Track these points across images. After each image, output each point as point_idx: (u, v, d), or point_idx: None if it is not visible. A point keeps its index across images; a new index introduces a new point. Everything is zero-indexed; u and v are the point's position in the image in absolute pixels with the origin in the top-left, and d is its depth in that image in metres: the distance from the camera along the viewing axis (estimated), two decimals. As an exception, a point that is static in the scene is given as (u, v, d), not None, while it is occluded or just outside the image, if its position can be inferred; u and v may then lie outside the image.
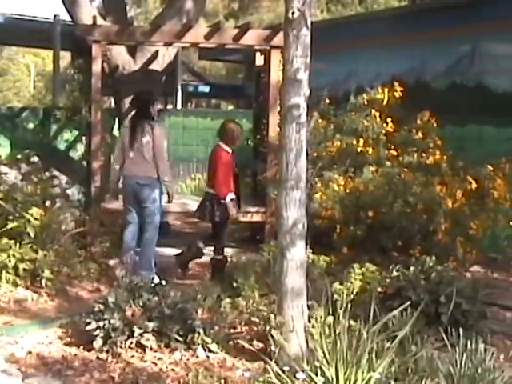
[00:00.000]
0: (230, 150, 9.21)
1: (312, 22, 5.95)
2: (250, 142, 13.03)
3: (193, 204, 10.81)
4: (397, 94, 11.20)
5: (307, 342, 5.74)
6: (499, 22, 11.91)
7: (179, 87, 21.74)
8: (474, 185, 9.89)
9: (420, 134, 10.73)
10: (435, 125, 10.93)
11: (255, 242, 10.47)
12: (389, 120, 10.78)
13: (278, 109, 10.05)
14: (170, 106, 22.75)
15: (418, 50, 13.18)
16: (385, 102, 11.13)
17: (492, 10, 12.01)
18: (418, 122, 10.93)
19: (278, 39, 10.21)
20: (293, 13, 5.79)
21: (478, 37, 12.34)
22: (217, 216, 9.07)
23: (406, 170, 10.05)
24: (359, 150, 10.65)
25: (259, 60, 11.80)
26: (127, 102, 12.28)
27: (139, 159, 9.07)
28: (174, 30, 10.87)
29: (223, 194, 9.01)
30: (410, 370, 5.42)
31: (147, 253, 9.11)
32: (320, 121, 11.16)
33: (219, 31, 10.79)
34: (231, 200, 9.06)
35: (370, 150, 10.67)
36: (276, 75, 10.63)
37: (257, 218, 10.89)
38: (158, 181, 9.06)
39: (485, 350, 5.40)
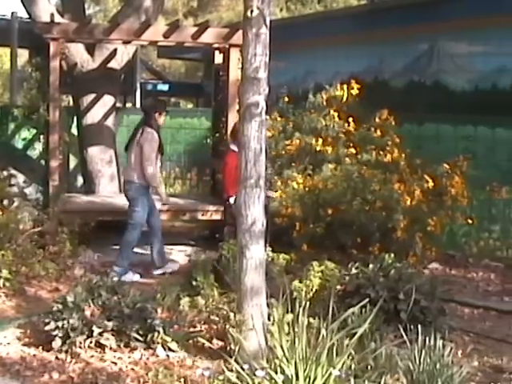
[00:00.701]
0: None
1: (271, 21, 5.96)
2: (208, 141, 13.00)
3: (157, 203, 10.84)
4: (354, 92, 11.25)
5: (266, 340, 5.74)
6: (456, 21, 12.03)
7: (138, 85, 21.63)
8: (431, 183, 9.97)
9: (378, 132, 10.79)
10: (393, 123, 11.01)
11: (214, 240, 10.45)
12: (347, 118, 10.81)
13: (237, 107, 10.04)
14: (128, 105, 22.63)
15: (377, 49, 13.26)
16: (344, 100, 11.18)
17: (449, 9, 12.12)
18: (377, 120, 11.00)
19: (237, 37, 10.19)
20: (252, 11, 5.79)
21: (435, 36, 12.45)
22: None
23: (364, 167, 10.10)
24: (318, 148, 10.68)
25: (218, 58, 11.78)
26: (86, 100, 12.23)
27: (128, 164, 9.58)
28: (132, 28, 10.83)
29: (229, 194, 9.30)
30: (369, 366, 5.45)
31: (123, 252, 9.39)
32: (279, 119, 11.19)
33: (178, 29, 10.76)
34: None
35: (329, 149, 10.71)
36: (235, 73, 10.62)
37: (216, 216, 10.88)
38: (140, 185, 9.35)
39: (443, 345, 5.44)
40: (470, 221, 10.96)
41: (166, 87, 25.18)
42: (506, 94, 11.62)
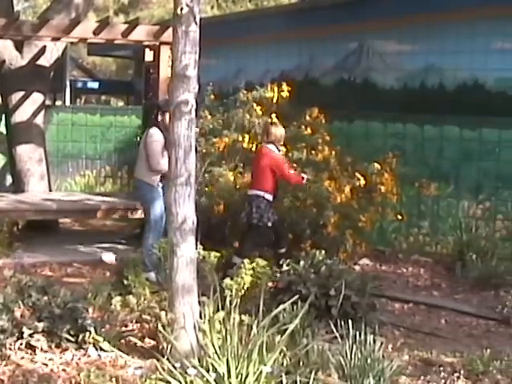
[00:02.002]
0: (277, 151, 9.22)
1: (202, 18, 5.95)
2: (139, 139, 12.93)
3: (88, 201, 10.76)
4: (285, 91, 11.29)
5: (198, 338, 5.74)
6: (385, 19, 12.14)
7: (68, 83, 21.38)
8: (362, 181, 10.08)
9: (309, 130, 10.85)
10: (324, 121, 11.08)
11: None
12: (275, 116, 10.83)
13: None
14: (58, 103, 22.36)
15: (307, 47, 13.32)
16: (274, 99, 11.20)
17: (378, 8, 12.23)
18: (307, 118, 11.05)
19: (168, 35, 10.16)
20: (181, 9, 5.77)
21: (365, 34, 12.55)
22: (267, 218, 8.94)
23: (295, 165, 10.15)
24: (248, 146, 10.69)
25: (149, 56, 11.73)
26: (14, 97, 12.05)
27: (136, 163, 9.43)
28: (62, 25, 10.71)
29: (272, 195, 9.02)
30: (301, 362, 5.48)
31: (144, 251, 9.04)
32: (209, 117, 11.17)
33: (108, 26, 10.69)
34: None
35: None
36: (165, 71, 10.59)
37: (148, 214, 10.81)
38: (147, 183, 9.13)
39: (374, 340, 5.50)
40: (399, 217, 11.12)
41: (96, 85, 24.95)
42: (434, 92, 11.78)
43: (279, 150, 9.29)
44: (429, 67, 11.86)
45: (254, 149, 10.60)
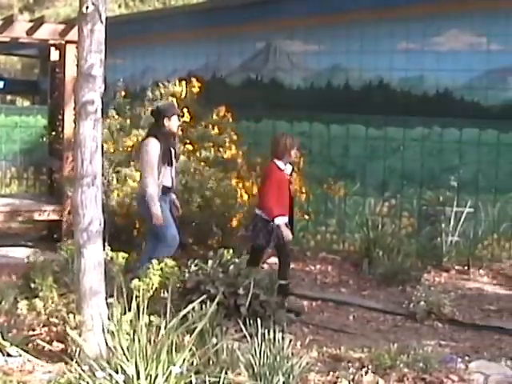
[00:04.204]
0: (283, 166, 8.42)
1: (108, 17, 5.89)
2: (45, 139, 12.74)
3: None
4: (195, 87, 11.28)
5: (106, 340, 5.68)
6: (291, 19, 12.23)
7: (-29, 82, 20.94)
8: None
9: (216, 129, 10.86)
10: (231, 120, 11.11)
11: (53, 240, 10.25)
12: (185, 114, 10.81)
13: (74, 105, 9.88)
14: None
15: (215, 46, 13.31)
16: (182, 97, 11.18)
17: (285, 8, 12.31)
18: (215, 117, 11.06)
19: (74, 34, 10.02)
20: (87, 7, 5.71)
21: (272, 34, 12.62)
22: (271, 240, 8.27)
23: (203, 164, 10.15)
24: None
25: (55, 55, 11.55)
26: None
27: None
28: (-37, 23, 10.47)
29: (272, 215, 8.22)
30: (211, 361, 5.48)
31: (141, 262, 8.39)
32: (116, 117, 11.08)
33: (12, 24, 10.48)
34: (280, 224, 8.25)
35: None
36: (71, 70, 10.44)
37: (54, 216, 10.68)
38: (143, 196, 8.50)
39: (283, 338, 5.53)
40: (307, 215, 11.23)
41: (0, 84, 24.47)
42: (340, 91, 11.92)
43: (288, 165, 8.53)
44: (335, 67, 12.01)
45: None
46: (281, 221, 8.23)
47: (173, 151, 8.62)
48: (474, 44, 11.20)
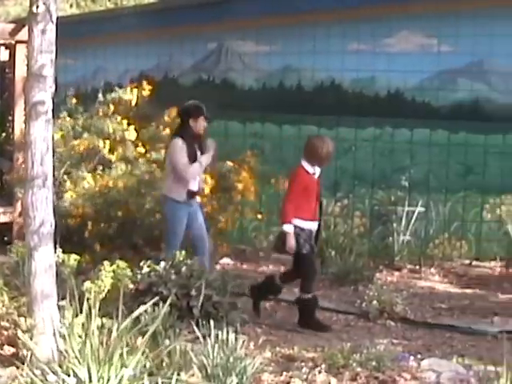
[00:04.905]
0: (311, 170, 8.04)
1: (59, 17, 5.84)
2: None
3: None
4: (146, 90, 11.23)
5: (58, 343, 5.63)
6: (243, 20, 12.25)
7: None
8: (213, 182, 10.10)
9: (168, 131, 10.82)
10: (183, 121, 11.06)
11: (3, 243, 10.13)
12: (134, 121, 10.77)
13: (24, 105, 9.78)
14: None
15: (167, 47, 13.28)
16: (133, 102, 11.13)
17: (237, 9, 12.32)
18: (166, 118, 11.02)
19: (24, 33, 9.90)
20: (37, 7, 5.64)
21: (224, 34, 12.62)
22: (302, 246, 7.86)
23: (154, 166, 10.11)
24: (107, 147, 10.56)
25: (4, 55, 11.42)
26: None
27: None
28: None
29: (285, 219, 7.81)
30: (164, 363, 5.46)
31: None
32: (68, 119, 10.98)
33: (-40, 24, 10.36)
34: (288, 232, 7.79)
35: (119, 147, 10.62)
36: (21, 70, 10.34)
37: (4, 218, 10.55)
38: (172, 199, 8.43)
39: (236, 339, 5.53)
40: (259, 215, 11.25)
41: None
42: (292, 92, 11.97)
43: (316, 167, 8.13)
44: (286, 68, 12.06)
45: (114, 158, 10.50)
46: (290, 229, 7.79)
47: (198, 153, 8.51)
48: (424, 45, 11.33)
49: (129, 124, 10.66)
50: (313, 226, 7.99)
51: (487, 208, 11.31)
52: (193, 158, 8.39)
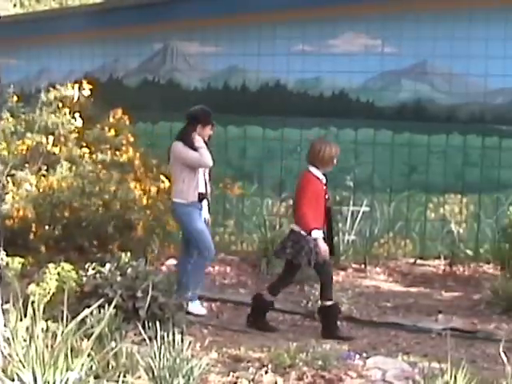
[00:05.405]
0: (320, 176, 7.82)
1: (3, 17, 5.79)
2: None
3: None
4: (86, 89, 11.15)
5: (2, 347, 5.56)
6: (189, 21, 12.23)
7: None
8: (166, 183, 10.11)
9: (113, 132, 10.76)
10: (128, 122, 11.02)
11: None
12: (78, 117, 10.68)
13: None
14: None
15: (112, 48, 13.20)
16: (75, 99, 11.04)
17: (182, 9, 12.30)
18: (111, 119, 10.96)
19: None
20: (-23, 7, 5.58)
21: (169, 35, 12.59)
22: (311, 257, 7.57)
23: (100, 167, 10.05)
24: (51, 148, 10.46)
25: None
26: None
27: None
28: None
29: (308, 228, 7.55)
30: (110, 366, 5.42)
31: (181, 278, 8.35)
32: (10, 119, 10.85)
33: None
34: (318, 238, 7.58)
35: (63, 148, 10.53)
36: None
37: None
38: (182, 203, 8.35)
39: (182, 340, 5.52)
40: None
41: None
42: (237, 93, 11.98)
43: (324, 175, 7.91)
44: (232, 69, 12.07)
45: (57, 151, 10.40)
46: (318, 234, 7.60)
47: None
48: (368, 47, 11.43)
49: (73, 117, 10.57)
50: (320, 234, 7.68)
51: (431, 207, 11.47)
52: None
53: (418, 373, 5.77)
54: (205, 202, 8.58)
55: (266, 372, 5.95)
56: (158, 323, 5.74)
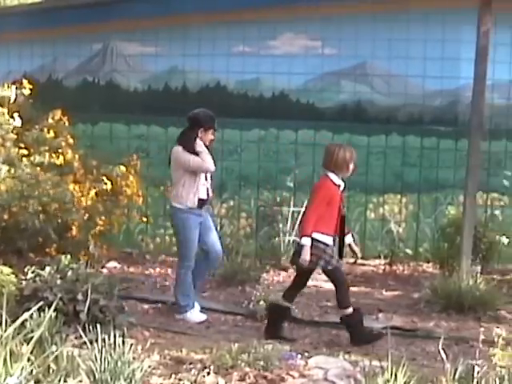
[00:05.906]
0: (338, 181, 7.54)
1: None
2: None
3: None
4: (27, 89, 11.01)
5: None
6: (129, 21, 12.16)
7: None
8: (108, 185, 10.05)
9: (52, 133, 10.63)
10: (67, 123, 10.90)
11: None
12: (17, 117, 10.53)
13: None
14: None
15: (51, 48, 13.05)
16: (12, 100, 10.88)
17: (122, 10, 12.23)
18: (50, 120, 10.83)
19: None
20: None
21: (109, 36, 12.50)
22: (327, 263, 7.40)
23: (38, 169, 9.93)
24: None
25: None
26: None
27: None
28: None
29: (304, 232, 7.32)
30: (51, 370, 5.37)
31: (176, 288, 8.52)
32: None
33: None
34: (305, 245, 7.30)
35: (1, 149, 10.37)
36: None
37: None
38: (180, 209, 8.23)
39: (123, 342, 5.49)
40: (145, 219, 11.21)
41: None
42: (177, 94, 11.95)
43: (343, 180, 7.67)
44: (172, 69, 12.05)
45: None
46: (307, 242, 7.30)
47: None
48: (308, 48, 11.50)
49: (12, 116, 10.41)
50: (328, 240, 7.46)
51: (371, 207, 11.58)
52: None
53: (360, 371, 5.82)
54: (206, 208, 8.52)
55: (209, 373, 5.96)
56: (98, 326, 5.70)
